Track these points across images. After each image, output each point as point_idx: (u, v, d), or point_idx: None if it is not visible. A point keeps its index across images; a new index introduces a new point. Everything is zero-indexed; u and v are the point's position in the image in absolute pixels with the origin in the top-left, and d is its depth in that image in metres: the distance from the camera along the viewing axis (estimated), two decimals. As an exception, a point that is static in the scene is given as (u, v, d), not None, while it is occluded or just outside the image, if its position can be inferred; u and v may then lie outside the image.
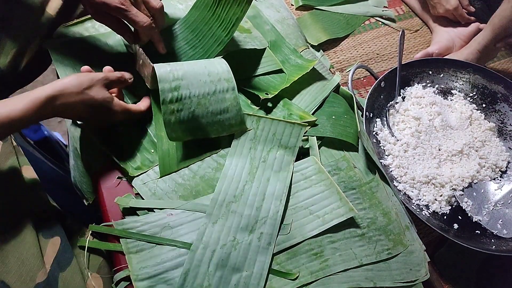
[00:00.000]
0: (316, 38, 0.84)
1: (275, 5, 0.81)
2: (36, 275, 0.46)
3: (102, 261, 0.53)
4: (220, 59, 0.60)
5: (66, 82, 0.50)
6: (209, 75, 0.57)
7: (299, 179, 0.58)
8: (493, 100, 0.75)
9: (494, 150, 0.70)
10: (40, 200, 0.54)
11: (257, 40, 0.70)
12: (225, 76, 0.58)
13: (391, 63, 0.85)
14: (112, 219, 0.54)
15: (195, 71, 0.57)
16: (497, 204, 0.65)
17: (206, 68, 0.58)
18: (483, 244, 0.59)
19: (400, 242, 0.55)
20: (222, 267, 0.50)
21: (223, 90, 0.57)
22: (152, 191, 0.56)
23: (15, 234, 0.48)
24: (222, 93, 0.57)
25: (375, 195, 0.58)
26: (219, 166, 0.58)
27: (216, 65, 0.59)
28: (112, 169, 0.59)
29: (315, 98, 0.67)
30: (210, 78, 0.57)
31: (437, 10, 0.86)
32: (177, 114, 0.56)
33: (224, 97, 0.57)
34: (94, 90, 0.52)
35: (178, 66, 0.57)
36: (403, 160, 0.66)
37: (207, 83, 0.57)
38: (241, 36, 0.68)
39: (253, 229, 0.53)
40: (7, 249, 0.46)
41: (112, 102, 0.55)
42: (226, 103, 0.58)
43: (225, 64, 0.59)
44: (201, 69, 0.57)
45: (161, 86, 0.54)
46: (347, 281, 0.51)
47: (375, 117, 0.72)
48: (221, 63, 0.59)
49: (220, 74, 0.58)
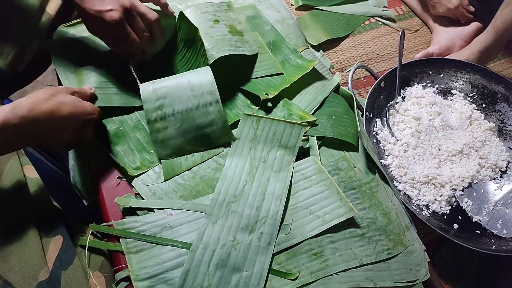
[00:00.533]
0: (316, 38, 0.84)
1: (275, 5, 0.81)
2: (39, 274, 0.46)
3: (104, 260, 0.54)
4: (206, 69, 0.60)
5: (29, 97, 0.48)
6: (192, 90, 0.58)
7: (299, 179, 0.58)
8: (493, 100, 0.75)
9: (494, 150, 0.70)
10: (42, 199, 0.54)
11: (248, 44, 0.68)
12: (208, 89, 0.58)
13: (391, 63, 0.85)
14: (112, 219, 0.54)
15: (178, 87, 0.58)
16: (497, 204, 0.65)
17: (189, 83, 0.58)
18: (483, 244, 0.59)
19: (400, 242, 0.55)
20: (222, 267, 0.50)
21: (206, 104, 0.58)
22: (152, 191, 0.56)
23: (18, 233, 0.48)
24: (206, 106, 0.58)
25: (375, 195, 0.58)
26: (219, 166, 0.58)
27: (201, 77, 0.59)
28: (112, 169, 0.59)
29: (315, 98, 0.67)
30: (193, 93, 0.58)
31: (438, 9, 0.86)
32: (163, 132, 0.57)
33: (208, 111, 0.58)
34: (60, 95, 0.51)
35: (162, 83, 0.58)
36: (403, 160, 0.66)
37: (190, 98, 0.58)
38: (233, 40, 0.66)
39: (253, 229, 0.53)
40: (10, 247, 0.46)
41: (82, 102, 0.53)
42: (211, 116, 0.58)
43: (210, 75, 0.59)
44: (184, 84, 0.58)
45: (145, 107, 0.57)
46: (347, 281, 0.51)
47: (375, 117, 0.72)
48: (206, 73, 0.59)
49: (203, 87, 0.58)
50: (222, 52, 0.62)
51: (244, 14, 0.76)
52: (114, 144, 0.60)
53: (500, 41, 0.75)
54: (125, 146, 0.60)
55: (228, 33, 0.66)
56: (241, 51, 0.65)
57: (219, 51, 0.62)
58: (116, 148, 0.59)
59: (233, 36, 0.67)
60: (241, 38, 0.68)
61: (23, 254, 0.47)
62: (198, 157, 0.59)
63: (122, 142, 0.60)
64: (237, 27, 0.70)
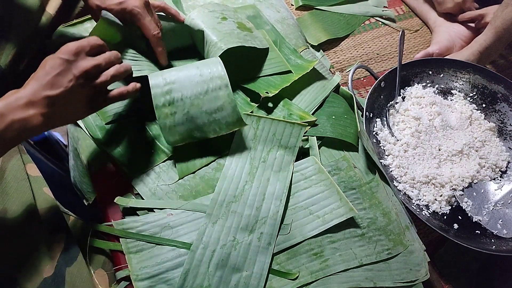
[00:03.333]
0: (316, 38, 0.84)
1: (275, 5, 0.81)
2: (43, 270, 0.47)
3: (105, 258, 0.54)
4: (216, 59, 0.59)
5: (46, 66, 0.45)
6: (201, 75, 0.57)
7: (299, 179, 0.58)
8: (493, 100, 0.75)
9: (494, 150, 0.70)
10: (44, 197, 0.54)
11: (257, 40, 0.68)
12: (218, 74, 0.57)
13: (391, 63, 0.85)
14: (112, 219, 0.54)
15: (187, 72, 0.57)
16: (497, 204, 0.65)
17: (198, 68, 0.57)
18: (483, 244, 0.59)
19: (400, 242, 0.55)
20: (222, 267, 0.50)
21: (216, 88, 0.56)
22: (152, 191, 0.56)
23: (21, 230, 0.48)
24: (215, 91, 0.56)
25: (375, 195, 0.58)
26: (219, 166, 0.58)
27: (210, 65, 0.58)
28: (112, 169, 0.59)
29: (315, 98, 0.67)
30: (202, 78, 0.56)
31: (446, 5, 0.85)
32: (171, 117, 0.56)
33: (217, 95, 0.56)
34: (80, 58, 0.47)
35: (172, 72, 0.57)
36: (403, 160, 0.66)
37: (199, 83, 0.56)
38: (242, 34, 0.66)
39: (253, 229, 0.53)
40: (14, 245, 0.47)
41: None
42: (220, 101, 0.56)
43: (220, 63, 0.58)
44: (193, 70, 0.57)
45: (153, 92, 0.55)
46: (347, 281, 0.51)
47: (375, 117, 0.72)
48: (216, 62, 0.58)
49: (212, 72, 0.57)
50: (230, 44, 0.61)
51: (244, 14, 0.76)
52: (114, 144, 0.60)
53: (500, 41, 0.75)
54: (125, 146, 0.60)
55: (237, 28, 0.66)
56: (251, 44, 0.65)
57: (228, 43, 0.61)
58: (116, 148, 0.59)
59: (242, 31, 0.67)
60: (251, 33, 0.68)
61: (26, 251, 0.47)
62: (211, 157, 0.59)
63: (122, 142, 0.60)
64: (246, 25, 0.70)
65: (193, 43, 0.70)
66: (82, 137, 0.61)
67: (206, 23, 0.64)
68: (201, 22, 0.65)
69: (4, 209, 0.49)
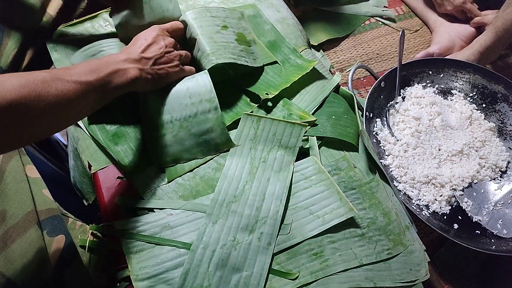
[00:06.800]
0: (316, 38, 0.84)
1: (275, 5, 0.81)
2: (42, 272, 0.47)
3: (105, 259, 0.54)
4: (205, 74, 0.59)
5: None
6: (190, 97, 0.58)
7: (299, 179, 0.58)
8: (493, 100, 0.75)
9: (494, 150, 0.70)
10: (43, 198, 0.54)
11: (252, 56, 0.66)
12: (207, 97, 0.58)
13: (391, 63, 0.85)
14: (112, 219, 0.54)
15: (177, 94, 0.58)
16: (497, 204, 0.65)
17: (188, 90, 0.58)
18: (483, 244, 0.59)
19: (400, 242, 0.55)
20: (222, 267, 0.50)
21: (205, 111, 0.58)
22: (152, 191, 0.56)
23: (20, 232, 0.48)
24: (204, 114, 0.58)
25: (375, 195, 0.58)
26: (219, 166, 0.59)
27: (199, 83, 0.58)
28: (112, 169, 0.59)
29: (315, 98, 0.67)
30: (191, 101, 0.58)
31: (445, 7, 0.85)
32: (160, 139, 0.57)
33: (206, 118, 0.58)
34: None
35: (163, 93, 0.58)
36: (403, 160, 0.66)
37: (188, 106, 0.58)
38: (237, 48, 0.64)
39: (253, 229, 0.53)
40: (13, 247, 0.47)
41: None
42: (209, 123, 0.58)
43: (209, 82, 0.58)
44: (182, 92, 0.58)
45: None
46: (347, 281, 0.51)
47: (375, 117, 0.72)
48: (205, 80, 0.58)
49: (202, 95, 0.58)
50: (222, 59, 0.61)
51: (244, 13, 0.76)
52: (114, 144, 0.60)
53: (500, 41, 0.75)
54: (125, 146, 0.60)
55: (235, 41, 0.65)
56: (243, 61, 0.63)
57: (219, 58, 0.61)
58: (116, 148, 0.59)
59: (239, 44, 0.66)
60: (248, 48, 0.67)
61: (26, 253, 0.47)
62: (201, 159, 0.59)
63: (122, 142, 0.60)
64: (247, 37, 0.68)
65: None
66: (82, 137, 0.61)
67: (203, 29, 0.63)
68: (199, 27, 0.63)
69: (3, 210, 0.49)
